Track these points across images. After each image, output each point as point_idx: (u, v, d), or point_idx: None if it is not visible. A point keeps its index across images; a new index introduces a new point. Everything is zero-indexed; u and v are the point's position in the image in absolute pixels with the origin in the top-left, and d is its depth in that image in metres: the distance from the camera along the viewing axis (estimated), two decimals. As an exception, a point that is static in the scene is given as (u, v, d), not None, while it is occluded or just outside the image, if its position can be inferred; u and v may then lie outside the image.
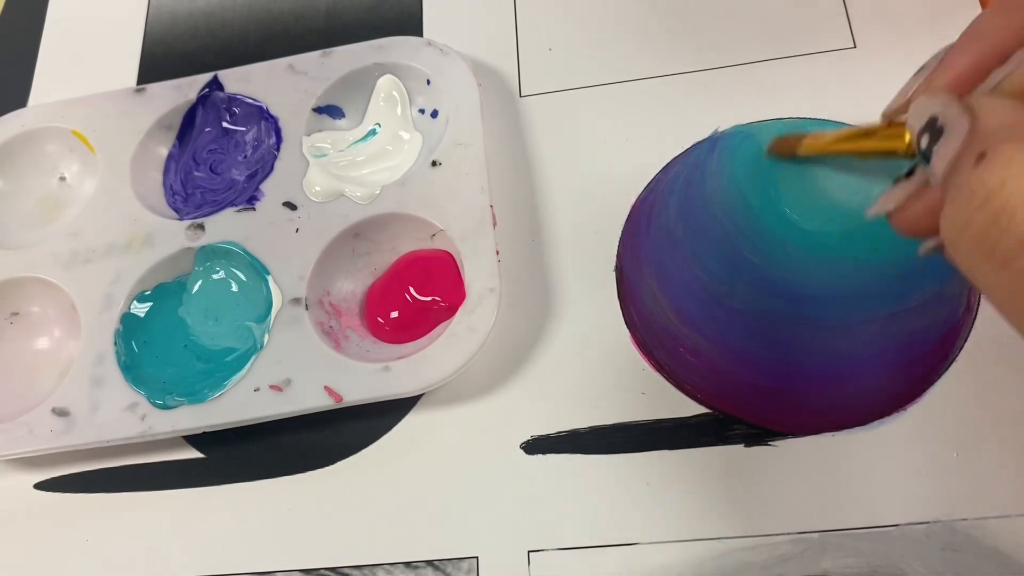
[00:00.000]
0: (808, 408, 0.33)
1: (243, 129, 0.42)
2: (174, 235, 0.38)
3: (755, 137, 0.37)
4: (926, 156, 0.21)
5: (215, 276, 0.38)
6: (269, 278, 0.37)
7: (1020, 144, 0.19)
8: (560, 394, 0.35)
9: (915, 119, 0.22)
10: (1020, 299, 0.18)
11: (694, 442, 0.33)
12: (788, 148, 0.33)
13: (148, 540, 0.35)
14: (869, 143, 0.28)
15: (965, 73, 0.23)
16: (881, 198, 0.23)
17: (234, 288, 0.38)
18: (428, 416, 0.36)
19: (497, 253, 0.35)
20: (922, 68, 0.24)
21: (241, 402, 0.34)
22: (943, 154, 0.20)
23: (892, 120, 0.26)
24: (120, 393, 0.36)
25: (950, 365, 0.32)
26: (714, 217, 0.36)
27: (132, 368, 0.36)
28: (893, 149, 0.26)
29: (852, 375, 0.33)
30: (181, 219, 0.39)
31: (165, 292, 0.38)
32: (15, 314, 0.40)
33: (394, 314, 0.37)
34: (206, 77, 0.42)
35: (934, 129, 0.21)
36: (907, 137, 0.24)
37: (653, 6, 0.42)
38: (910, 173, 0.23)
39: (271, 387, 0.34)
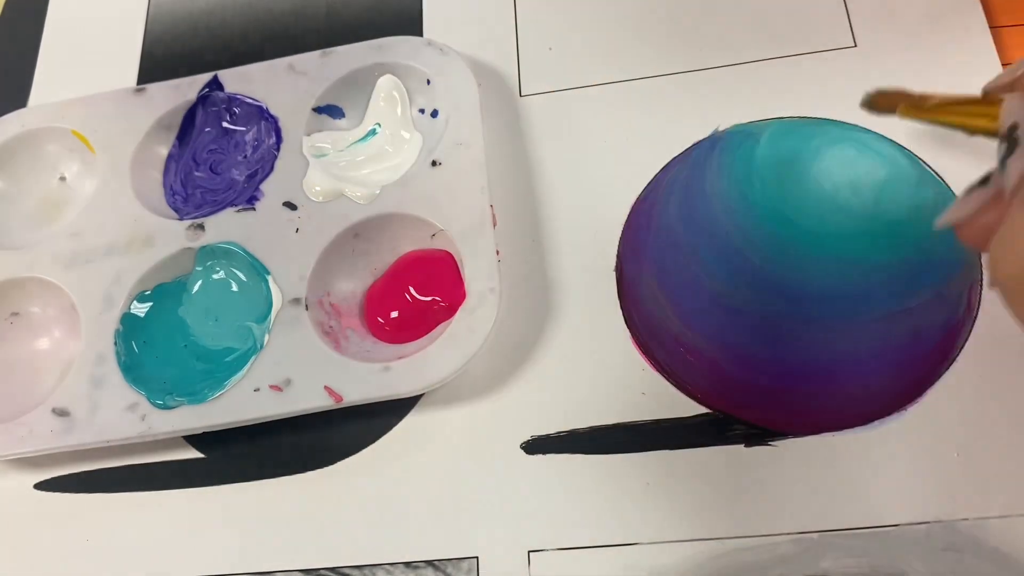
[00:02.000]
0: (808, 408, 0.33)
1: (243, 129, 0.42)
2: (174, 235, 0.38)
3: (755, 136, 0.37)
4: (1002, 164, 0.19)
5: (215, 276, 0.38)
6: (269, 278, 0.37)
7: None
8: (560, 394, 0.35)
9: (1004, 119, 0.19)
10: None
11: (694, 442, 0.33)
12: (888, 104, 0.30)
13: (148, 540, 0.35)
14: (971, 118, 0.24)
15: None
16: (952, 207, 0.21)
17: (234, 288, 0.38)
18: (428, 416, 0.36)
19: (497, 253, 0.35)
20: (1018, 63, 0.21)
21: (241, 402, 0.34)
22: (1013, 170, 0.18)
23: (993, 97, 0.22)
24: (120, 393, 0.36)
25: (950, 365, 0.32)
26: (714, 217, 0.36)
27: (132, 368, 0.36)
28: (992, 130, 0.22)
29: (852, 375, 0.33)
30: (181, 219, 0.39)
31: (165, 292, 0.38)
32: (15, 314, 0.40)
33: (394, 314, 0.37)
34: (206, 77, 0.42)
35: (1012, 139, 0.19)
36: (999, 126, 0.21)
37: (653, 5, 0.42)
38: (985, 180, 0.20)
39: (271, 387, 0.34)
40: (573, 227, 0.38)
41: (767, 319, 0.34)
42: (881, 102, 0.29)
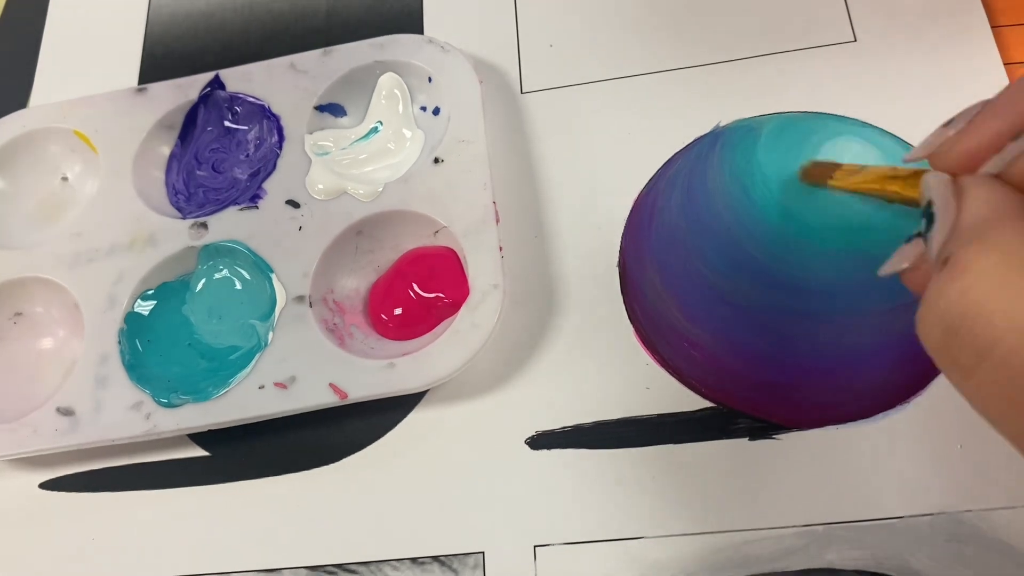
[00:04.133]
0: (812, 401, 0.33)
1: (245, 128, 0.42)
2: (177, 234, 0.38)
3: (756, 131, 0.37)
4: (924, 238, 0.20)
5: (218, 274, 0.38)
6: (273, 276, 0.37)
7: (982, 247, 0.18)
8: (564, 389, 0.35)
9: (923, 193, 0.21)
10: (989, 407, 0.18)
11: (699, 436, 0.33)
12: (820, 176, 0.32)
13: (154, 538, 0.35)
14: (895, 188, 0.27)
15: (984, 145, 0.20)
16: (893, 256, 0.22)
17: (238, 286, 0.38)
18: (432, 412, 0.36)
19: (500, 249, 0.35)
20: (952, 121, 0.22)
21: (246, 400, 0.34)
22: (934, 243, 0.20)
23: (915, 170, 0.25)
24: (125, 392, 0.36)
25: (953, 357, 0.32)
26: (716, 212, 0.36)
27: (136, 367, 0.36)
28: (913, 199, 0.25)
29: (855, 368, 0.33)
30: (184, 218, 0.39)
31: (168, 291, 0.38)
32: (18, 314, 0.40)
33: (398, 311, 0.37)
34: (207, 76, 0.42)
35: (930, 212, 0.20)
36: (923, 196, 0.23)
37: (653, 2, 0.42)
38: (913, 237, 0.22)
39: (276, 384, 0.34)
40: (576, 223, 0.38)
41: (770, 313, 0.34)
42: (813, 173, 0.31)
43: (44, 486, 0.37)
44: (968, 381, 0.18)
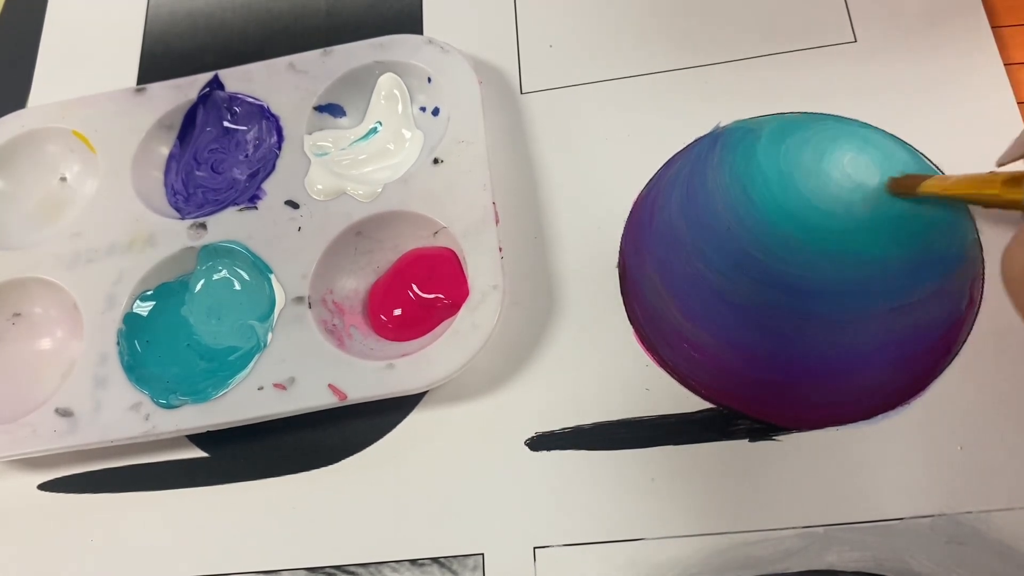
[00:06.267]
0: (812, 402, 0.33)
1: (244, 128, 0.42)
2: (176, 235, 0.38)
3: (756, 132, 0.37)
4: None
5: (217, 275, 0.38)
6: (272, 277, 0.37)
7: None
8: (564, 390, 0.35)
9: None
10: None
11: (699, 437, 0.33)
12: (908, 188, 0.33)
13: (152, 540, 0.35)
14: (993, 191, 0.29)
15: None
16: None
17: (237, 287, 0.38)
18: (432, 413, 0.36)
19: (500, 250, 0.35)
20: None
21: (245, 401, 0.34)
22: None
23: (1013, 174, 0.27)
24: (123, 393, 0.35)
25: (953, 359, 0.32)
26: (716, 212, 0.36)
27: (135, 368, 0.36)
28: (1015, 202, 0.26)
29: (856, 369, 0.33)
30: (183, 218, 0.39)
31: (168, 291, 0.38)
32: (17, 315, 0.39)
33: (397, 312, 0.37)
34: (207, 76, 0.42)
35: None
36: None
37: (653, 2, 0.42)
38: None
39: (275, 385, 0.34)
40: (576, 223, 0.38)
41: (769, 314, 0.34)
42: (901, 185, 0.32)
43: (43, 487, 0.37)
44: None
